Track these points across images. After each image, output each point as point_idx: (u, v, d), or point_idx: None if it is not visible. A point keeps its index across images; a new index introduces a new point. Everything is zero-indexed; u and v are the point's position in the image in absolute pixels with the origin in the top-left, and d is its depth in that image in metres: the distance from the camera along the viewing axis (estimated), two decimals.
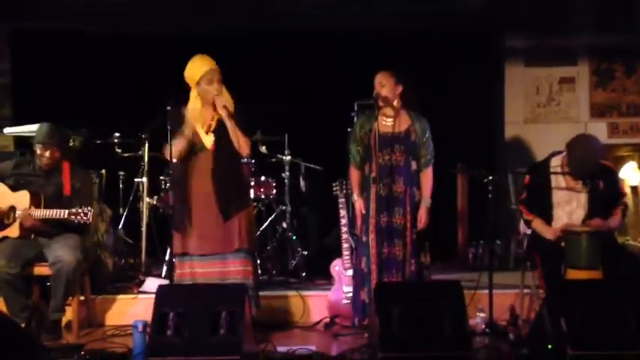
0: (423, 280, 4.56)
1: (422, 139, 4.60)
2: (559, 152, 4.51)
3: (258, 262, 5.62)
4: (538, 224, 4.46)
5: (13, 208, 4.52)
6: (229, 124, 4.30)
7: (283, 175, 6.00)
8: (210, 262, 4.34)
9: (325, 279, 5.35)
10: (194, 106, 4.40)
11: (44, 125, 4.66)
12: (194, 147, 4.38)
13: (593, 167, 4.35)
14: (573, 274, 4.14)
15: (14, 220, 4.52)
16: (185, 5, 6.50)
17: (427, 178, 4.63)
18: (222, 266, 4.34)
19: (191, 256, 4.36)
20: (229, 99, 4.39)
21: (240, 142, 4.34)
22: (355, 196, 4.68)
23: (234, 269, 4.34)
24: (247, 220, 4.44)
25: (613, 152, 6.72)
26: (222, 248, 4.34)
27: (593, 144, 4.42)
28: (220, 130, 4.36)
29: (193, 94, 4.42)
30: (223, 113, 4.30)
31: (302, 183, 6.12)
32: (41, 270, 4.53)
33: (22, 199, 4.51)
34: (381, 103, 4.57)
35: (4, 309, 4.35)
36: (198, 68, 4.35)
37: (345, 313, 4.75)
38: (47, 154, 4.60)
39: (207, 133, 4.38)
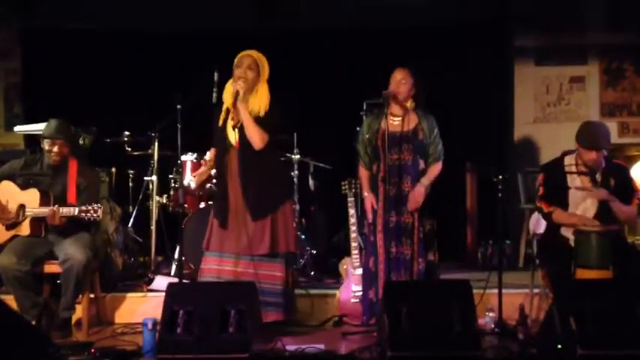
0: (431, 278, 4.56)
1: (430, 138, 4.59)
2: (571, 151, 4.50)
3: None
4: (560, 214, 4.43)
5: (22, 207, 4.54)
6: (241, 110, 4.22)
7: (292, 174, 6.00)
8: (233, 261, 4.32)
9: (334, 278, 5.35)
10: (227, 93, 4.34)
11: (53, 120, 4.67)
12: (222, 144, 4.34)
13: (601, 135, 4.35)
14: (583, 274, 4.13)
15: (24, 219, 4.54)
16: (195, 3, 6.51)
17: (435, 168, 4.62)
18: (237, 267, 4.31)
19: (219, 253, 4.35)
20: (262, 96, 4.30)
21: (250, 133, 4.23)
22: (365, 193, 4.68)
23: (252, 272, 4.28)
24: (282, 221, 4.38)
25: (624, 152, 6.69)
26: (248, 250, 4.28)
27: (598, 121, 4.79)
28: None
29: (230, 81, 4.37)
30: (233, 97, 4.23)
31: (311, 182, 6.12)
32: (51, 268, 4.56)
33: (31, 197, 4.54)
34: (391, 102, 4.56)
35: (15, 306, 4.36)
36: (236, 59, 4.33)
37: (353, 312, 4.75)
38: (55, 148, 4.60)
39: (233, 128, 4.30)
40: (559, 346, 3.57)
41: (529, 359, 3.80)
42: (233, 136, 4.31)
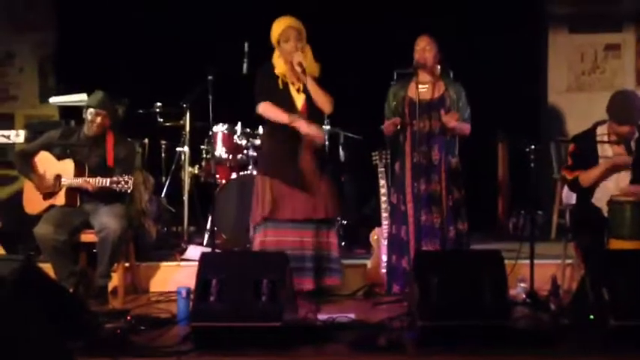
0: (460, 247, 4.56)
1: (457, 105, 4.56)
2: (603, 121, 4.44)
3: None
4: (585, 174, 4.37)
5: (58, 177, 4.62)
6: (308, 82, 4.35)
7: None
8: (297, 231, 4.39)
9: (364, 248, 5.37)
10: (279, 65, 4.43)
11: (99, 92, 4.75)
12: (284, 106, 4.40)
13: (635, 108, 4.29)
14: (616, 244, 4.10)
15: (60, 189, 4.62)
16: None
17: (463, 125, 4.58)
18: (311, 236, 4.41)
19: (281, 222, 4.37)
20: (311, 58, 4.42)
21: (322, 100, 4.41)
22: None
23: (322, 240, 4.45)
24: (331, 185, 4.53)
25: None
26: (313, 213, 4.38)
27: (630, 91, 4.61)
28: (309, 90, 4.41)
29: (276, 54, 4.47)
30: (298, 69, 4.34)
31: (341, 153, 6.11)
32: (88, 237, 4.65)
33: (67, 167, 4.61)
34: (420, 70, 4.53)
35: (53, 275, 4.46)
36: (275, 28, 4.43)
37: (384, 281, 4.78)
38: (98, 120, 4.67)
39: (298, 92, 4.43)
40: (591, 317, 3.56)
41: (561, 330, 3.79)
42: (299, 100, 4.43)
